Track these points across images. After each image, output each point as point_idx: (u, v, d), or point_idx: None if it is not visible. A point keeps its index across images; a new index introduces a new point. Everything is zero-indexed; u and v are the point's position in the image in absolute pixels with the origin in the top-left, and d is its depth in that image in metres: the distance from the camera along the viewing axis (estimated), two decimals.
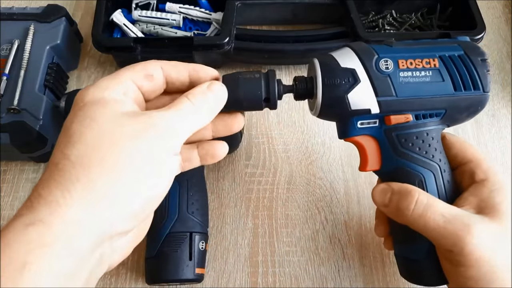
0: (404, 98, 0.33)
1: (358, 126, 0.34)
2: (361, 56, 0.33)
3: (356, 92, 0.32)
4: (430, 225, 0.30)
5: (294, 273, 0.43)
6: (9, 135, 0.42)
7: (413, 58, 0.33)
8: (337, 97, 0.32)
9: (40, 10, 0.50)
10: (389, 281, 0.42)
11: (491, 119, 0.51)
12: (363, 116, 0.33)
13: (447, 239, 0.30)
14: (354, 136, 0.34)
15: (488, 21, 0.58)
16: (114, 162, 0.25)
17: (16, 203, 0.45)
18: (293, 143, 0.49)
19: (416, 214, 0.31)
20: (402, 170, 0.33)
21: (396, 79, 0.32)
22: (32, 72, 0.45)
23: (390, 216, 0.34)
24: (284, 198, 0.46)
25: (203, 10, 0.53)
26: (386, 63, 0.33)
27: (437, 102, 0.33)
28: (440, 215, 0.30)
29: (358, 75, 0.32)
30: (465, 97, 0.33)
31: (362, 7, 0.53)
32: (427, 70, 0.33)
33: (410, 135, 0.33)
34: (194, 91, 0.29)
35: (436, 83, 0.33)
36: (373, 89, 0.32)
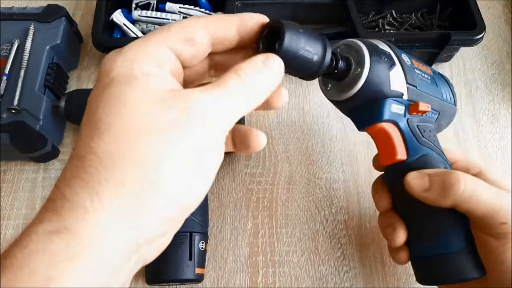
0: (421, 91, 0.34)
1: (391, 110, 0.32)
2: (390, 45, 0.33)
3: (394, 74, 0.31)
4: (483, 200, 0.30)
5: (294, 273, 0.43)
6: (9, 135, 0.42)
7: (418, 61, 0.36)
8: (382, 73, 0.31)
9: (40, 10, 0.50)
10: (389, 281, 0.42)
11: (491, 119, 0.51)
12: (397, 100, 0.32)
13: (501, 211, 0.29)
14: (384, 121, 0.32)
15: (488, 21, 0.58)
16: (148, 159, 0.20)
17: (16, 203, 0.45)
18: (293, 143, 0.49)
19: (469, 192, 0.30)
20: (427, 158, 0.33)
21: (414, 73, 0.34)
22: (32, 72, 0.45)
23: (428, 200, 0.31)
24: (284, 198, 0.46)
25: (203, 10, 0.53)
26: (406, 57, 0.34)
27: (435, 102, 0.36)
28: (489, 190, 0.30)
29: (393, 58, 0.32)
30: (448, 105, 0.37)
31: (362, 7, 0.53)
32: (427, 74, 0.36)
33: (426, 127, 0.35)
34: (246, 66, 0.23)
35: (433, 86, 0.36)
36: (404, 74, 0.32)
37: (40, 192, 0.46)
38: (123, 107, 0.21)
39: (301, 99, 0.52)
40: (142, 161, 0.20)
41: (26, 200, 0.45)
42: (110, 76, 0.22)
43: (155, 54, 0.23)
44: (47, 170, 0.47)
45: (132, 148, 0.20)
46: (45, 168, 0.47)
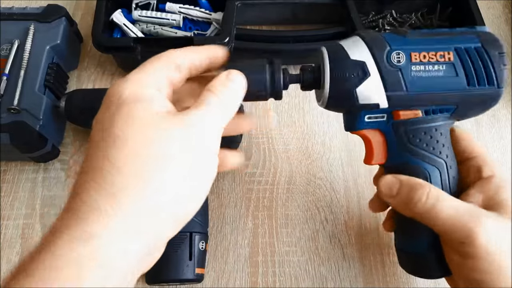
0: (415, 94, 0.31)
1: (365, 120, 0.33)
2: (372, 48, 0.31)
3: (365, 86, 0.31)
4: (441, 217, 0.30)
5: (294, 273, 0.43)
6: (9, 135, 0.42)
7: (427, 51, 0.31)
8: (345, 91, 0.31)
9: (40, 10, 0.49)
10: (389, 281, 0.42)
11: (491, 119, 0.51)
12: (371, 111, 0.32)
13: (459, 231, 0.30)
14: (360, 129, 0.34)
15: (488, 21, 0.58)
16: (162, 169, 0.24)
17: (16, 203, 0.45)
18: (293, 143, 0.49)
19: (428, 206, 0.31)
20: (408, 165, 0.33)
21: (408, 73, 0.31)
22: (32, 72, 0.45)
23: (396, 208, 0.34)
24: (284, 198, 0.46)
25: (203, 10, 0.53)
26: (398, 55, 0.31)
27: (448, 97, 0.32)
28: (451, 207, 0.30)
29: (368, 68, 0.31)
30: (478, 93, 0.32)
31: (362, 7, 0.53)
32: (441, 64, 0.31)
33: (418, 130, 0.32)
34: (216, 83, 0.28)
35: (449, 78, 0.31)
36: (383, 83, 0.31)
37: (40, 192, 0.46)
38: (138, 123, 0.24)
39: (301, 99, 0.52)
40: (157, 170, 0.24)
41: (26, 200, 0.45)
42: (120, 98, 0.25)
43: (155, 81, 0.27)
44: (47, 170, 0.47)
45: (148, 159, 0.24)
46: (45, 168, 0.47)
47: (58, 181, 0.47)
